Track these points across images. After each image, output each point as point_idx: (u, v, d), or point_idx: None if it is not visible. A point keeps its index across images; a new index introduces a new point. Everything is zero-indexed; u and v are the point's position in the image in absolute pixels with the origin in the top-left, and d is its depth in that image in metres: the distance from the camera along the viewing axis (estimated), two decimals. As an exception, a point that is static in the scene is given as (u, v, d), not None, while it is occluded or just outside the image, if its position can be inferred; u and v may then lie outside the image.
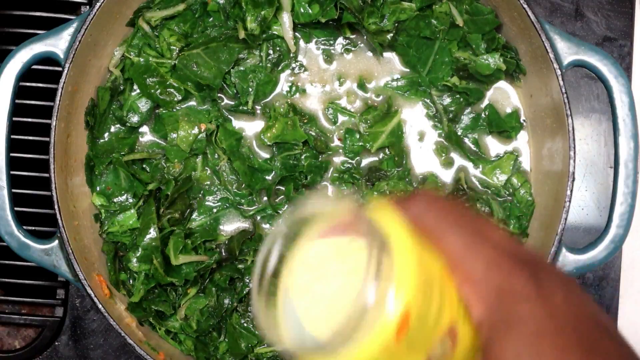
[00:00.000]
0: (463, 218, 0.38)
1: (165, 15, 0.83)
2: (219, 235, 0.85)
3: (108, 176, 0.84)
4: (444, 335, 0.37)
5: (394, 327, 0.35)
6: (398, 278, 0.35)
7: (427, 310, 0.36)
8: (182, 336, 0.84)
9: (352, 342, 0.35)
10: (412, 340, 0.36)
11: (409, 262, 0.35)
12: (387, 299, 0.35)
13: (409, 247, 0.36)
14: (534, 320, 0.35)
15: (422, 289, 0.35)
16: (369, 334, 0.34)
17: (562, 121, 0.76)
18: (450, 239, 0.37)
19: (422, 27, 0.83)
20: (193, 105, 0.85)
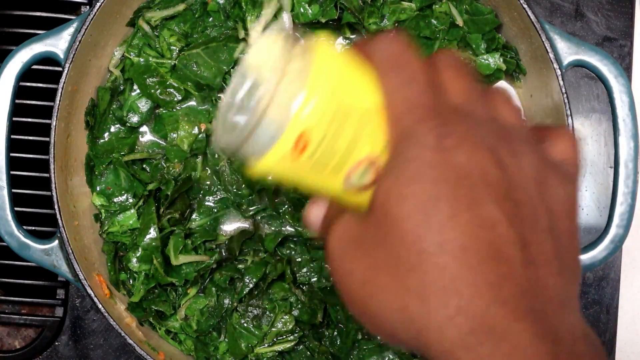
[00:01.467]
0: (412, 62, 0.39)
1: (165, 15, 0.83)
2: (219, 235, 0.85)
3: (108, 176, 0.84)
4: (361, 164, 0.39)
5: (290, 140, 0.38)
6: (308, 90, 0.37)
7: (335, 135, 0.38)
8: (182, 336, 0.84)
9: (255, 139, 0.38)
10: (316, 159, 0.38)
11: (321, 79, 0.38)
12: (286, 104, 0.37)
13: (327, 68, 0.38)
14: (419, 163, 0.35)
15: (330, 113, 0.38)
16: (266, 135, 0.38)
17: (562, 121, 0.76)
18: (391, 76, 0.39)
19: (422, 27, 0.83)
20: (193, 105, 0.85)
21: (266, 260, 0.84)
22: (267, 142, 0.38)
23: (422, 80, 0.38)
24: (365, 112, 0.39)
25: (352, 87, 0.39)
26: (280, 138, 0.38)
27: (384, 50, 0.40)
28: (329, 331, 0.84)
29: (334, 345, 0.84)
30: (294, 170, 0.39)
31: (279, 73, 0.38)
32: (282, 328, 0.83)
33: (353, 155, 0.39)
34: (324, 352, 0.83)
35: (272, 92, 0.37)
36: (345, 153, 0.39)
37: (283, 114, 0.37)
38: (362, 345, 0.83)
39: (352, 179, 0.39)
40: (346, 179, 0.40)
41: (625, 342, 0.91)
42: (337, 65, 0.39)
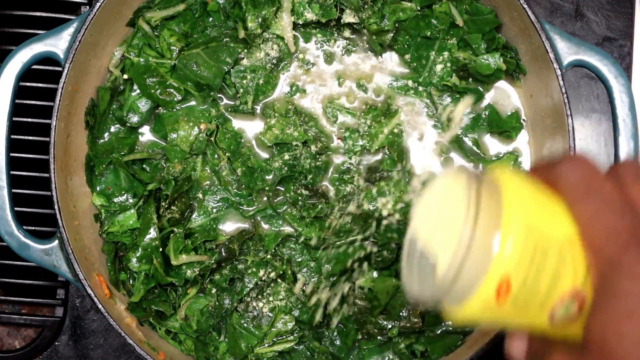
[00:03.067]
0: (604, 184, 0.38)
1: (165, 15, 0.83)
2: (219, 235, 0.84)
3: (108, 176, 0.84)
4: (565, 298, 0.38)
5: (491, 288, 0.36)
6: (503, 230, 0.36)
7: (537, 274, 0.36)
8: (182, 336, 0.84)
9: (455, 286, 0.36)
10: (520, 301, 0.37)
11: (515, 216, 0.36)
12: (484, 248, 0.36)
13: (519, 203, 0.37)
14: (632, 297, 0.34)
15: (530, 252, 0.36)
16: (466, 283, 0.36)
17: (562, 121, 0.76)
18: (585, 202, 0.37)
19: (422, 27, 0.83)
20: (193, 105, 0.85)
21: (266, 260, 0.84)
22: (467, 290, 0.36)
23: (617, 204, 0.37)
24: (563, 243, 0.37)
25: (546, 218, 0.38)
26: (482, 285, 0.36)
27: (572, 175, 0.38)
28: (329, 331, 0.84)
29: (334, 345, 0.84)
30: (498, 314, 0.38)
31: (472, 214, 0.36)
32: (282, 328, 0.83)
33: (556, 291, 0.37)
34: (324, 352, 0.83)
35: (468, 236, 0.35)
36: (548, 290, 0.37)
37: (481, 260, 0.36)
38: (362, 345, 0.83)
39: (557, 314, 0.38)
40: (551, 315, 0.38)
41: (625, 342, 0.91)
42: (528, 197, 0.38)
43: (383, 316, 0.82)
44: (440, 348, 0.81)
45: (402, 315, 0.82)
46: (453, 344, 0.81)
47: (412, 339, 0.82)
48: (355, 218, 0.83)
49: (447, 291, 0.37)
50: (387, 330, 0.82)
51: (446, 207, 0.38)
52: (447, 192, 0.39)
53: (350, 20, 0.83)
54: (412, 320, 0.81)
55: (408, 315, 0.82)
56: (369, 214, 0.82)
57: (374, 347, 0.83)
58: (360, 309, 0.82)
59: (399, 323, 0.82)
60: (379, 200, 0.82)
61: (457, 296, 0.37)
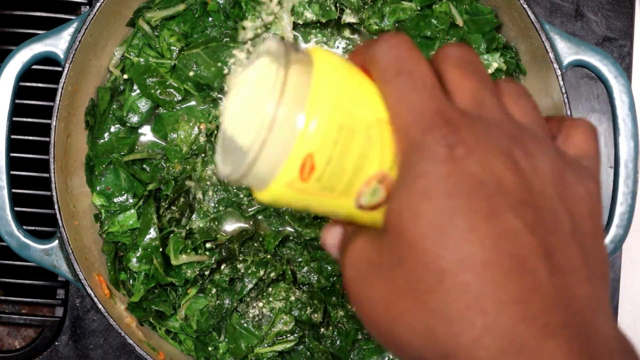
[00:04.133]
0: (417, 66, 0.36)
1: (165, 15, 0.83)
2: (219, 235, 0.84)
3: (108, 176, 0.84)
4: (372, 181, 0.37)
5: (295, 166, 0.35)
6: (308, 109, 0.35)
7: (342, 153, 0.36)
8: (182, 336, 0.84)
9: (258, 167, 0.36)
10: (325, 181, 0.36)
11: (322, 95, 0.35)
12: (287, 127, 0.35)
13: (328, 82, 0.36)
14: (430, 178, 0.33)
15: (335, 131, 0.35)
16: (269, 163, 0.36)
17: (562, 121, 0.76)
18: (395, 82, 0.36)
19: (422, 27, 0.83)
20: (193, 105, 0.85)
21: (266, 260, 0.84)
22: (271, 170, 0.36)
23: (429, 85, 0.36)
24: (371, 125, 0.36)
25: (356, 99, 0.37)
26: (285, 164, 0.35)
27: (386, 54, 0.37)
28: (329, 331, 0.84)
29: (334, 345, 0.84)
30: (303, 195, 0.37)
31: (277, 93, 0.35)
32: (282, 328, 0.83)
33: (362, 174, 0.37)
34: (324, 352, 0.83)
35: (271, 115, 0.35)
36: (354, 172, 0.36)
37: (285, 138, 0.35)
38: (362, 345, 0.83)
39: (364, 198, 0.37)
40: (357, 199, 0.37)
41: (625, 342, 0.91)
42: (338, 77, 0.37)
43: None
44: (440, 348, 0.81)
45: (402, 315, 0.82)
46: (453, 344, 0.81)
47: (412, 339, 0.82)
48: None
49: (250, 169, 0.36)
50: (387, 330, 0.82)
51: (256, 87, 0.37)
52: (259, 72, 0.38)
53: (350, 20, 0.83)
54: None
55: (408, 315, 0.82)
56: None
57: (374, 347, 0.83)
58: (360, 309, 0.82)
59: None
60: None
61: (262, 175, 0.36)
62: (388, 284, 0.35)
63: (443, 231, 0.33)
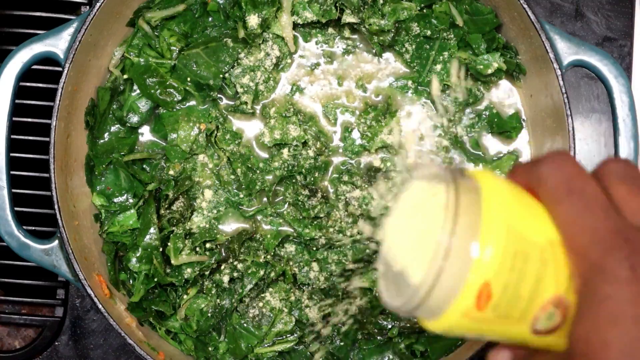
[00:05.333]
0: (586, 185, 0.36)
1: (165, 15, 0.83)
2: (219, 235, 0.84)
3: (108, 176, 0.84)
4: (548, 306, 0.36)
5: (471, 296, 0.35)
6: (482, 237, 0.34)
7: (519, 280, 0.35)
8: (182, 336, 0.84)
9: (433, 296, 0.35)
10: (501, 309, 0.35)
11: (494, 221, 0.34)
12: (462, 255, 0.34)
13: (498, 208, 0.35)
14: (616, 302, 0.33)
15: (510, 257, 0.35)
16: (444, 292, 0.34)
17: (562, 121, 0.76)
18: (567, 203, 0.36)
19: (422, 27, 0.83)
20: (193, 105, 0.85)
21: (266, 260, 0.84)
22: (446, 300, 0.35)
23: (602, 204, 0.35)
24: (544, 248, 0.36)
25: (526, 222, 0.36)
26: (460, 294, 0.35)
27: (553, 175, 0.36)
28: (329, 331, 0.84)
29: (334, 345, 0.84)
30: (478, 324, 0.36)
31: (449, 222, 0.34)
32: (282, 328, 0.83)
33: (538, 299, 0.36)
34: (324, 352, 0.83)
35: (445, 245, 0.34)
36: (530, 297, 0.36)
37: (460, 268, 0.34)
38: (362, 345, 0.83)
39: (540, 323, 0.37)
40: (533, 324, 0.37)
41: (625, 342, 0.91)
42: (508, 201, 0.36)
43: (383, 316, 0.82)
44: (440, 348, 0.81)
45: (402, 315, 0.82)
46: (453, 344, 0.81)
47: (412, 339, 0.82)
48: (355, 218, 0.83)
49: (424, 302, 0.35)
50: (387, 330, 0.82)
51: (421, 213, 0.37)
52: (421, 197, 0.37)
53: (350, 20, 0.83)
54: (412, 320, 0.81)
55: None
56: (369, 214, 0.82)
57: (374, 347, 0.83)
58: (360, 309, 0.82)
59: (399, 323, 0.82)
60: (378, 201, 0.82)
61: (436, 305, 0.35)
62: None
63: (634, 358, 0.32)
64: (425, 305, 0.35)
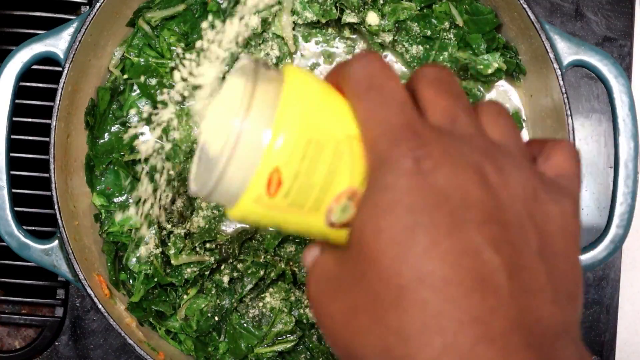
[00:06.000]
0: (388, 82, 0.36)
1: (165, 15, 0.83)
2: (219, 235, 0.85)
3: (108, 176, 0.84)
4: (341, 198, 0.36)
5: (262, 181, 0.35)
6: (275, 124, 0.35)
7: (310, 169, 0.35)
8: (182, 336, 0.84)
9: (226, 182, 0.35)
10: (293, 197, 0.36)
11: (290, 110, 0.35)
12: (254, 142, 0.35)
13: (297, 98, 0.36)
14: (394, 191, 0.33)
15: (302, 146, 0.35)
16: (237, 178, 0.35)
17: (562, 121, 0.76)
18: (366, 98, 0.36)
19: (422, 27, 0.83)
20: (193, 105, 0.85)
21: (266, 260, 0.84)
22: (239, 186, 0.36)
23: (399, 100, 0.35)
24: (341, 141, 0.36)
25: (326, 116, 0.36)
26: (251, 179, 0.35)
27: (359, 71, 0.37)
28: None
29: (334, 345, 0.84)
30: (272, 212, 0.36)
31: (244, 108, 0.35)
32: (282, 328, 0.83)
33: (332, 190, 0.36)
34: (324, 352, 0.83)
35: (237, 130, 0.35)
36: (323, 188, 0.36)
37: (251, 154, 0.35)
38: (362, 345, 0.83)
39: (334, 215, 0.37)
40: (327, 216, 0.37)
41: (625, 342, 0.91)
42: (309, 94, 0.37)
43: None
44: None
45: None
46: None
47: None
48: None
49: (218, 184, 0.36)
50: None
51: (227, 104, 0.37)
52: (230, 89, 0.38)
53: (350, 20, 0.83)
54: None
55: (408, 315, 0.82)
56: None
57: (374, 347, 0.83)
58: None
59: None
60: None
61: (231, 191, 0.36)
62: (348, 301, 0.34)
63: (403, 246, 0.32)
64: (221, 190, 0.36)
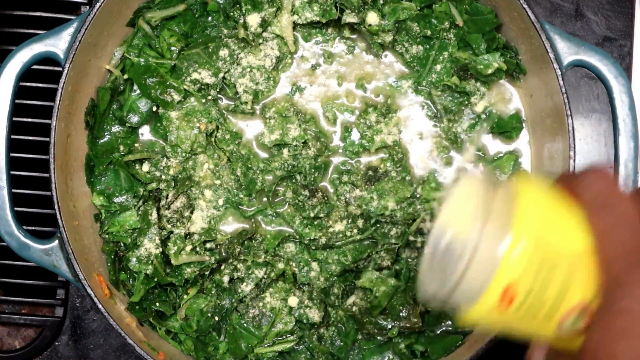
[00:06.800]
0: (622, 200, 0.37)
1: (165, 15, 0.83)
2: (219, 235, 0.84)
3: (108, 176, 0.84)
4: (573, 311, 0.37)
5: (496, 293, 0.36)
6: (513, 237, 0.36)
7: (544, 285, 0.36)
8: (182, 336, 0.84)
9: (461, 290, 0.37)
10: (525, 310, 0.37)
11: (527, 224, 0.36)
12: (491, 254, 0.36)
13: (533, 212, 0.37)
14: (630, 317, 0.34)
15: (537, 262, 0.36)
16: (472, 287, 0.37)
17: (562, 121, 0.76)
18: (601, 216, 0.37)
19: (422, 27, 0.83)
20: (193, 105, 0.85)
21: (266, 260, 0.84)
22: (474, 294, 0.37)
23: (631, 222, 0.36)
24: (574, 256, 0.37)
25: (560, 229, 0.37)
26: (486, 292, 0.37)
27: (592, 187, 0.38)
28: (329, 331, 0.84)
29: (334, 345, 0.84)
30: (503, 320, 0.38)
31: (482, 220, 0.36)
32: (282, 328, 0.83)
33: (564, 303, 0.37)
34: (324, 352, 0.83)
35: (476, 242, 0.36)
36: (556, 301, 0.37)
37: (488, 265, 0.36)
38: (362, 345, 0.83)
39: (565, 326, 0.38)
40: (559, 326, 0.38)
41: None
42: (543, 208, 0.38)
43: (383, 316, 0.82)
44: (440, 348, 0.81)
45: (402, 315, 0.82)
46: (453, 344, 0.81)
47: (412, 339, 0.82)
48: (355, 218, 0.83)
49: (453, 290, 0.37)
50: (387, 330, 0.82)
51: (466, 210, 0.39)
52: (468, 195, 0.39)
53: (351, 20, 0.83)
54: (412, 320, 0.81)
55: (408, 315, 0.82)
56: (369, 214, 0.82)
57: (374, 347, 0.83)
58: (360, 309, 0.82)
59: (398, 323, 0.82)
60: (378, 201, 0.82)
61: (465, 298, 0.37)
62: None
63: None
64: (456, 296, 0.38)
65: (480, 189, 0.38)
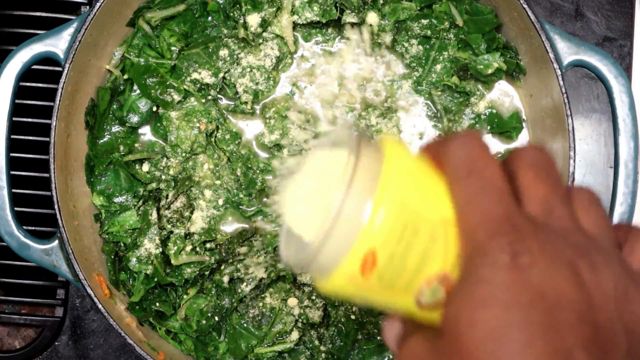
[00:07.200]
0: (488, 167, 0.36)
1: (165, 15, 0.83)
2: (218, 235, 0.85)
3: (108, 176, 0.84)
4: (432, 281, 0.36)
5: (357, 260, 0.35)
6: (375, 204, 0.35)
7: (405, 252, 0.35)
8: (182, 336, 0.84)
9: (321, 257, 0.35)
10: (386, 278, 0.36)
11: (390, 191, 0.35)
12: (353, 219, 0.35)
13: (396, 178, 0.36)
14: (490, 286, 0.33)
15: (400, 228, 0.35)
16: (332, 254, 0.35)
17: (562, 121, 0.76)
18: (465, 183, 0.36)
19: (422, 27, 0.83)
20: (193, 105, 0.85)
21: (266, 260, 0.84)
22: (334, 261, 0.36)
23: (498, 188, 0.35)
24: (436, 225, 0.36)
25: (423, 197, 0.36)
26: (346, 258, 0.35)
27: (458, 152, 0.36)
28: (329, 331, 0.84)
29: (334, 345, 0.84)
30: (364, 289, 0.37)
31: (345, 185, 0.35)
32: (282, 328, 0.83)
33: (424, 273, 0.36)
34: (324, 352, 0.83)
35: (338, 206, 0.35)
36: (416, 270, 0.36)
37: (349, 231, 0.35)
38: (362, 345, 0.83)
39: (424, 297, 0.37)
40: (417, 297, 0.37)
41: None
42: (408, 174, 0.36)
43: (383, 316, 0.82)
44: (440, 348, 0.81)
45: (402, 315, 0.82)
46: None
47: (412, 339, 0.82)
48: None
49: (312, 260, 0.36)
50: (387, 330, 0.82)
51: (321, 177, 0.37)
52: (324, 162, 0.38)
53: (351, 20, 0.83)
54: (412, 320, 0.81)
55: (408, 315, 0.82)
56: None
57: (374, 347, 0.83)
58: (361, 309, 0.82)
59: (399, 323, 0.82)
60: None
61: (324, 266, 0.36)
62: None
63: (498, 343, 0.32)
64: (316, 265, 0.36)
65: (345, 152, 0.36)
